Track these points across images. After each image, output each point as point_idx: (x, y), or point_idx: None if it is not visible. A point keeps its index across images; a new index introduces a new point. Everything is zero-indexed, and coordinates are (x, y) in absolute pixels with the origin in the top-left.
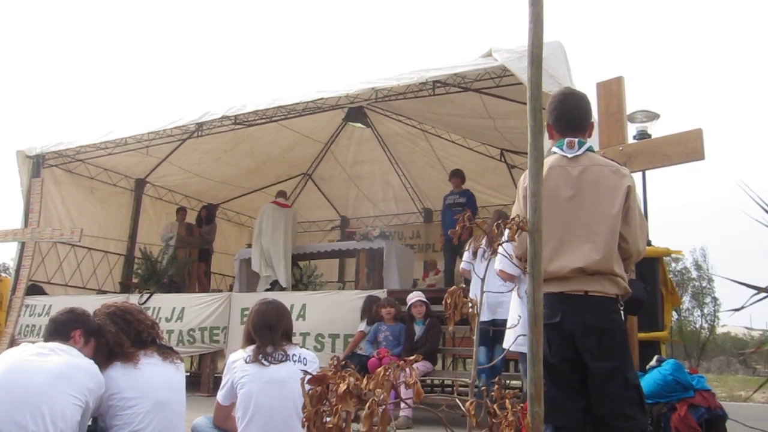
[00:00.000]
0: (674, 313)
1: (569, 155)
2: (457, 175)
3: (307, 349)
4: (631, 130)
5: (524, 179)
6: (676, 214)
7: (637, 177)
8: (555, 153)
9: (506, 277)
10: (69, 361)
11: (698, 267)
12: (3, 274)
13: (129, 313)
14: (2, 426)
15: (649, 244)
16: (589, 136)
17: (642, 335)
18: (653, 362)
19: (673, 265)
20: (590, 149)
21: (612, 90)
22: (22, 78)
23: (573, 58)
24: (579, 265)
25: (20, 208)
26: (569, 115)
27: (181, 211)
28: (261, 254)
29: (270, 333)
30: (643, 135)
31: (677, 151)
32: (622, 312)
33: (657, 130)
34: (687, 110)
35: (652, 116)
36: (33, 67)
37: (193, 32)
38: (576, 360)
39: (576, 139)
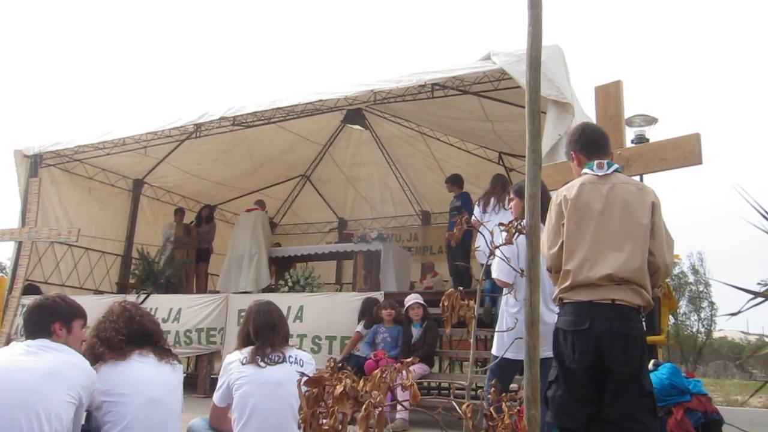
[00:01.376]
0: (671, 317)
1: (599, 173)
2: (449, 181)
3: (304, 350)
4: (629, 134)
5: (557, 196)
6: (673, 218)
7: None
8: (586, 173)
9: (501, 284)
10: (60, 358)
11: (695, 271)
12: (0, 274)
13: (129, 311)
14: None
15: None
16: (612, 158)
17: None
18: (650, 366)
19: None
20: (618, 170)
21: (610, 94)
22: (21, 77)
23: (571, 62)
24: (608, 271)
25: (18, 207)
26: (594, 139)
27: (180, 212)
28: (229, 266)
29: (272, 334)
30: (641, 139)
31: (675, 156)
32: (643, 323)
33: (655, 134)
34: (685, 114)
35: (651, 120)
36: (31, 66)
37: (193, 33)
38: (597, 367)
39: (605, 161)
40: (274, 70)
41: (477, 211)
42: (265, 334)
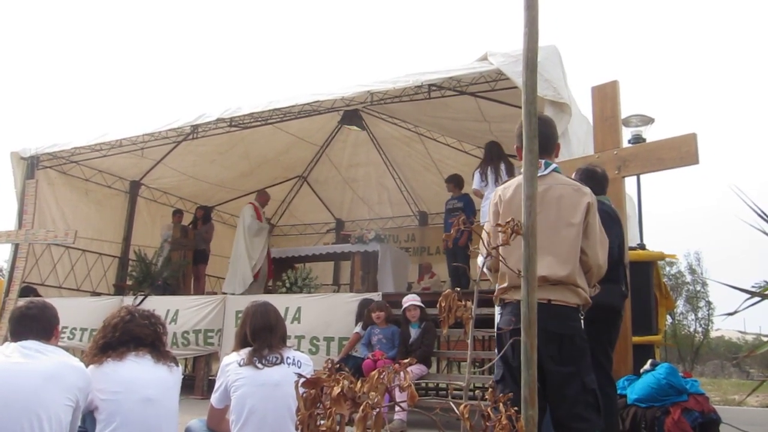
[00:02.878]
0: (668, 316)
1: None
2: (451, 181)
3: (302, 352)
4: (626, 134)
5: (495, 195)
6: (670, 218)
7: (631, 181)
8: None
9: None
10: (57, 361)
11: (692, 271)
12: None
13: (119, 317)
14: None
15: (642, 248)
16: (556, 156)
17: (636, 339)
18: (647, 366)
19: (668, 269)
20: (556, 170)
21: (607, 94)
22: (16, 79)
23: (568, 62)
24: (543, 274)
25: (14, 209)
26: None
27: (177, 214)
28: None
29: (269, 335)
30: (637, 139)
31: (671, 155)
32: (582, 321)
33: (652, 134)
34: (682, 114)
35: (647, 120)
36: (27, 68)
37: (189, 34)
38: (538, 365)
39: (543, 161)
40: (271, 71)
41: (477, 180)
42: (263, 336)
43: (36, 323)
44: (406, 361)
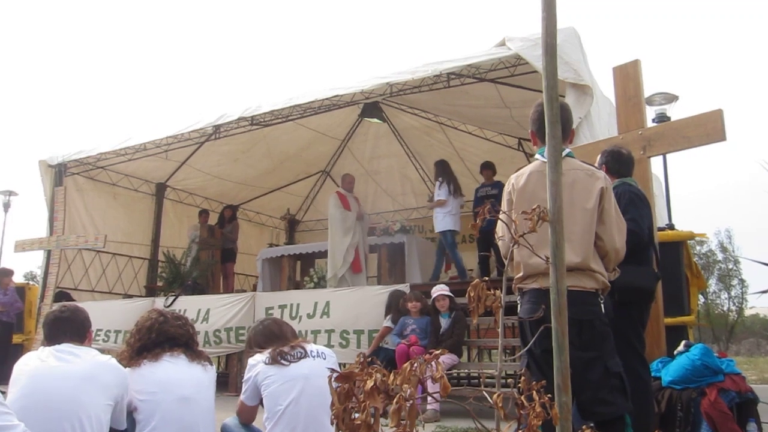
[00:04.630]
0: (700, 296)
1: None
2: (488, 168)
3: (333, 346)
4: (650, 113)
5: (507, 184)
6: (699, 196)
7: (657, 161)
8: (536, 159)
9: None
10: (93, 362)
11: (723, 249)
12: (31, 283)
13: (152, 320)
14: None
15: (671, 228)
16: (570, 142)
17: (668, 320)
18: (681, 347)
19: (698, 248)
20: (570, 155)
21: (629, 74)
22: (40, 87)
23: (587, 43)
24: None
25: (45, 216)
26: None
27: (204, 214)
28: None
29: (280, 340)
30: (662, 118)
31: (698, 133)
32: (602, 305)
33: (676, 112)
34: (707, 90)
35: (671, 98)
36: (49, 76)
37: (205, 33)
38: None
39: None
40: (289, 67)
41: (444, 192)
42: (271, 345)
43: (69, 326)
44: (438, 352)
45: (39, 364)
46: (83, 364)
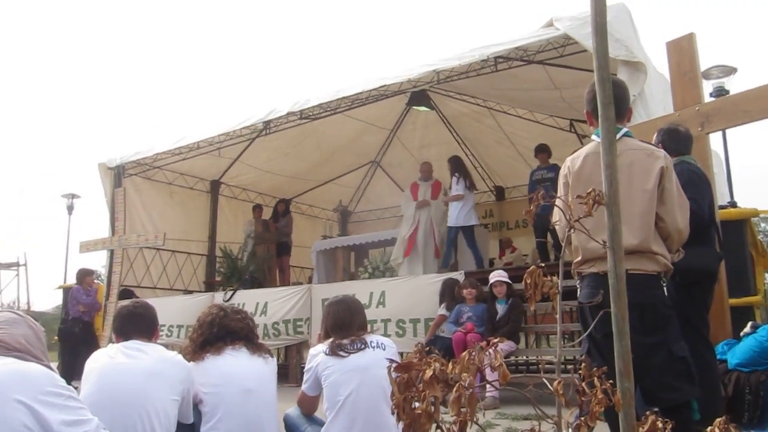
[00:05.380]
0: (767, 275)
1: None
2: (543, 150)
3: (389, 335)
4: (707, 87)
5: (563, 167)
6: (763, 171)
7: (716, 137)
8: (592, 140)
9: None
10: (158, 357)
11: None
12: (97, 282)
13: (212, 315)
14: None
15: (734, 206)
16: (628, 120)
17: (733, 301)
18: (747, 329)
19: (763, 225)
20: (627, 134)
21: (683, 48)
22: (99, 92)
23: (638, 18)
24: None
25: (106, 218)
26: None
27: (257, 209)
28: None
29: (347, 330)
30: (720, 92)
31: (759, 107)
32: (664, 288)
33: (735, 85)
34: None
35: (729, 71)
36: (106, 81)
37: (254, 30)
38: None
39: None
40: (334, 59)
41: (461, 186)
42: (339, 333)
43: (141, 321)
44: (496, 339)
45: (108, 360)
46: (150, 360)
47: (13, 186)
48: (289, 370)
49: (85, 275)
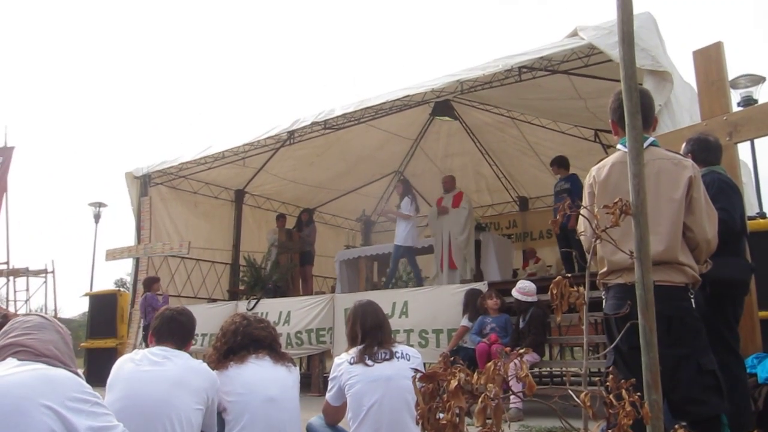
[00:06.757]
0: None
1: None
2: (555, 163)
3: (412, 345)
4: (735, 97)
5: (588, 176)
6: None
7: (744, 146)
8: (618, 149)
9: None
10: (183, 366)
11: None
12: (122, 289)
13: (236, 324)
14: None
15: (763, 216)
16: (653, 129)
17: (763, 314)
18: None
19: None
20: (654, 143)
21: (711, 57)
22: (125, 102)
23: (664, 27)
24: None
25: (132, 226)
26: None
27: (281, 218)
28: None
29: (381, 332)
30: (748, 101)
31: None
32: (692, 300)
33: (763, 94)
34: None
35: (758, 80)
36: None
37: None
38: None
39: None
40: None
41: (409, 206)
42: (374, 334)
43: (180, 329)
44: (521, 350)
45: (133, 367)
46: (174, 368)
47: (42, 194)
48: (312, 380)
49: (152, 282)
